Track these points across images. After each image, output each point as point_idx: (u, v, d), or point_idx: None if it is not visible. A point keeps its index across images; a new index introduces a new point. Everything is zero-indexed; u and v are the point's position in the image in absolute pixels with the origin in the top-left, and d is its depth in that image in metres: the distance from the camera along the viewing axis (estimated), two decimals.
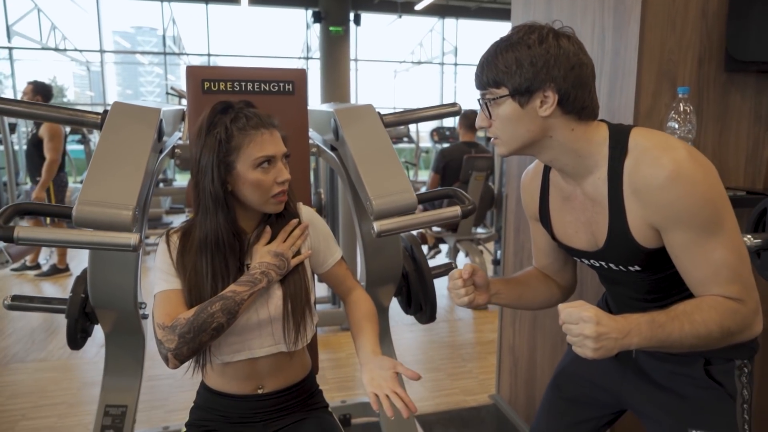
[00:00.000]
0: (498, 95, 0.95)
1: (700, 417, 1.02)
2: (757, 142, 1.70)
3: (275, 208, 1.12)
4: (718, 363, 1.03)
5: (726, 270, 0.90)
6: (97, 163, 1.15)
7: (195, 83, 1.33)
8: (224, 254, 1.10)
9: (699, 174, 0.88)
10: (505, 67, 0.93)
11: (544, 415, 1.28)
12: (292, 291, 1.15)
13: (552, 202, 1.12)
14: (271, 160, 1.08)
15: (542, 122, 0.94)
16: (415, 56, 13.09)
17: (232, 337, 1.11)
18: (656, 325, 0.88)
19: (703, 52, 1.59)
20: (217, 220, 1.08)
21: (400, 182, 1.30)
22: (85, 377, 2.78)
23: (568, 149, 0.97)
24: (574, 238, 1.09)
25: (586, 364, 1.21)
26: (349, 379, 2.77)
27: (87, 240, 1.02)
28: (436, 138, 7.70)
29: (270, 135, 1.08)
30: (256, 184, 1.07)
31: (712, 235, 0.89)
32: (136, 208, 1.10)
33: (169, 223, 6.77)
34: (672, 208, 0.89)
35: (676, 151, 0.89)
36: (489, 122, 0.99)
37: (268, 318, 1.13)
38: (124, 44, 15.16)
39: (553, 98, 0.92)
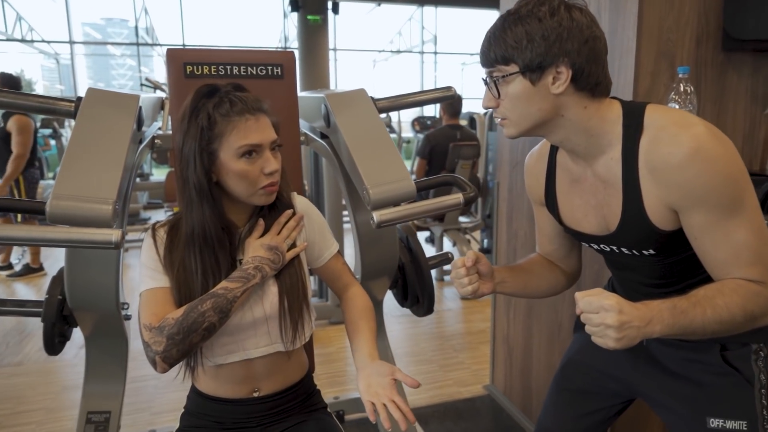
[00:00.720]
0: (507, 72, 0.89)
1: (719, 405, 0.98)
2: (753, 122, 1.68)
3: (264, 200, 1.04)
4: (734, 348, 0.99)
5: (747, 251, 0.86)
6: (71, 154, 1.06)
7: (176, 67, 1.24)
8: (213, 249, 1.02)
9: (719, 150, 0.83)
10: (514, 42, 0.87)
11: (552, 408, 1.24)
12: (288, 286, 1.08)
13: (559, 184, 1.07)
14: (257, 149, 0.99)
15: (554, 100, 0.89)
16: (394, 45, 12.98)
17: (224, 337, 1.04)
18: (678, 311, 0.83)
19: (701, 30, 1.56)
20: (203, 212, 1.00)
21: (397, 170, 1.24)
22: (65, 381, 2.67)
23: (580, 128, 0.92)
24: (583, 222, 1.04)
25: (594, 354, 1.17)
26: (340, 374, 2.71)
27: (64, 237, 0.94)
28: (418, 127, 7.65)
29: (256, 121, 0.99)
30: (241, 175, 0.99)
31: (733, 214, 0.85)
32: (116, 202, 1.01)
33: (147, 219, 6.61)
34: (692, 187, 0.84)
35: (695, 128, 0.84)
36: (497, 102, 0.93)
37: (263, 316, 1.06)
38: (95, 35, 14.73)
39: (567, 74, 0.86)
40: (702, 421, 0.99)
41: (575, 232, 1.07)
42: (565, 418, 1.21)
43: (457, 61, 13.24)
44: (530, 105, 0.90)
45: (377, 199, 1.19)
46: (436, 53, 12.73)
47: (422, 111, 9.54)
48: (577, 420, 1.19)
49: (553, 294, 1.21)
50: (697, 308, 0.84)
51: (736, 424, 0.96)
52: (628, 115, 0.91)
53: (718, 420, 0.97)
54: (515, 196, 2.18)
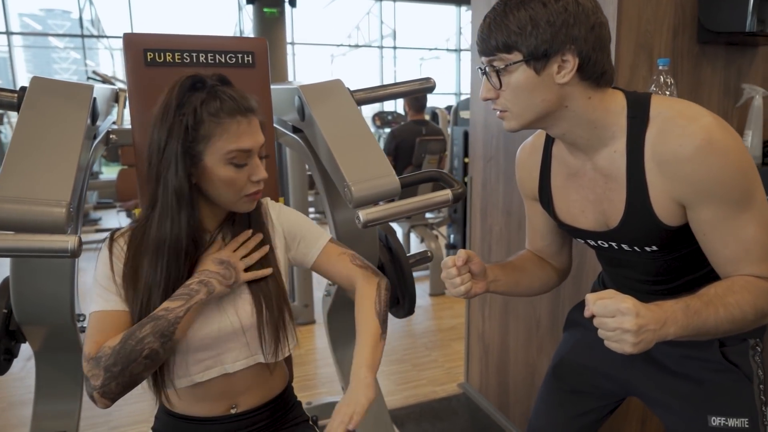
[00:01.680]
0: (510, 61, 0.83)
1: (719, 403, 0.96)
2: (726, 115, 1.70)
3: (247, 207, 0.95)
4: (732, 343, 0.97)
5: (757, 247, 0.84)
6: (16, 150, 0.94)
7: (135, 54, 1.12)
8: (183, 260, 0.92)
9: (730, 142, 0.80)
10: (518, 28, 0.81)
11: (544, 408, 1.20)
12: (265, 293, 0.99)
13: (554, 178, 1.02)
14: (247, 156, 0.90)
15: (559, 90, 0.84)
16: (352, 40, 12.84)
17: (200, 352, 0.95)
18: (692, 311, 0.79)
19: (678, 22, 1.55)
20: (180, 220, 0.89)
21: (380, 165, 1.17)
22: (11, 396, 2.47)
23: (584, 120, 0.87)
24: (580, 218, 1.00)
25: (587, 353, 1.14)
26: (310, 378, 2.62)
27: (11, 246, 0.82)
28: (379, 123, 7.58)
29: (248, 124, 0.90)
30: (228, 182, 0.90)
31: (743, 209, 0.82)
32: (70, 204, 0.90)
33: (98, 219, 6.29)
34: (703, 180, 0.81)
35: (704, 119, 0.81)
36: (497, 93, 0.87)
37: (239, 327, 0.97)
38: (35, 26, 13.95)
39: (573, 63, 0.81)
40: (703, 420, 0.96)
41: (571, 228, 1.03)
42: (557, 419, 1.17)
43: (417, 56, 13.25)
44: (534, 96, 0.84)
45: (360, 197, 1.11)
46: (395, 48, 12.68)
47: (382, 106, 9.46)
48: (570, 420, 1.16)
49: (544, 292, 1.17)
50: (710, 308, 0.81)
51: (737, 422, 0.94)
52: (633, 105, 0.87)
53: (719, 418, 0.95)
54: (489, 191, 2.15)
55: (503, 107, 0.88)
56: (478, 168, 2.21)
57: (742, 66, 1.68)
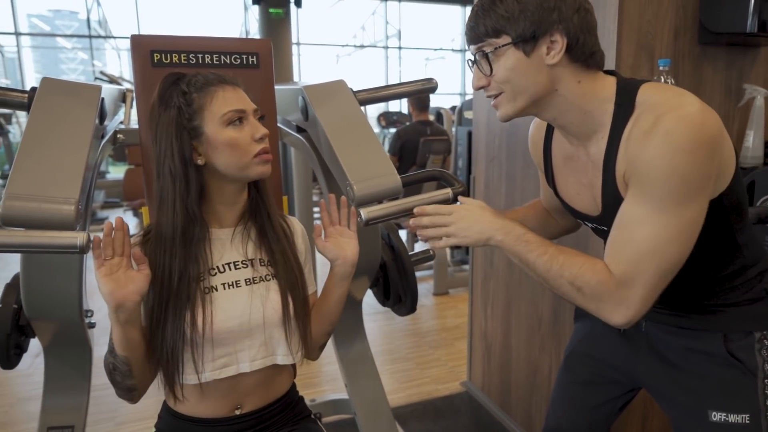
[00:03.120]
0: (499, 44, 0.85)
1: (721, 398, 0.96)
2: (727, 116, 1.70)
3: (260, 169, 0.95)
4: (737, 338, 0.96)
5: (632, 248, 0.82)
6: (26, 149, 0.96)
7: (142, 55, 1.15)
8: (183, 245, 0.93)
9: (691, 143, 0.77)
10: (506, 12, 0.83)
11: (560, 402, 1.22)
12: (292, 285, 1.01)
13: (555, 159, 1.05)
14: (243, 115, 0.94)
15: (549, 72, 0.86)
16: (357, 40, 12.87)
17: (218, 348, 0.95)
18: (522, 240, 0.90)
19: (679, 23, 1.56)
20: (174, 202, 0.92)
21: (381, 164, 1.19)
22: (19, 392, 2.50)
23: (574, 105, 0.89)
24: (576, 200, 1.02)
25: (595, 343, 1.16)
26: (314, 375, 2.64)
27: (21, 242, 0.84)
28: (384, 123, 7.59)
29: (234, 90, 0.95)
30: (232, 144, 0.92)
31: (656, 209, 0.80)
32: (79, 202, 0.92)
33: (105, 218, 6.34)
34: (642, 163, 0.81)
35: (684, 109, 0.78)
36: (488, 80, 0.89)
37: (261, 323, 0.98)
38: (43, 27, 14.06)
39: (562, 43, 0.83)
40: (704, 415, 0.97)
41: (569, 207, 1.06)
42: (573, 413, 1.19)
43: (422, 56, 13.26)
44: (525, 78, 0.86)
45: (362, 195, 1.13)
46: (401, 48, 12.70)
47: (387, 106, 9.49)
48: (584, 413, 1.17)
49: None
50: (541, 248, 0.89)
51: (738, 418, 0.94)
52: (621, 93, 0.87)
53: (720, 414, 0.95)
54: (492, 191, 2.16)
55: (497, 91, 0.89)
56: (481, 168, 2.23)
57: (743, 67, 1.68)
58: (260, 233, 1.02)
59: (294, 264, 1.03)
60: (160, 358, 0.92)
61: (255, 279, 0.99)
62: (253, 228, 1.03)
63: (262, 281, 1.00)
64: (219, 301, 0.95)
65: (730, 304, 0.96)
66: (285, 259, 1.02)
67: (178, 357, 0.92)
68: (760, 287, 0.97)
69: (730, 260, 0.94)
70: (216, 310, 0.94)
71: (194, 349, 0.93)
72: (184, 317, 0.91)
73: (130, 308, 0.85)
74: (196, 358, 0.93)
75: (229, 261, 0.98)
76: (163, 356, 0.92)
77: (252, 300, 0.97)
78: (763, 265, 0.99)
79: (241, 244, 1.01)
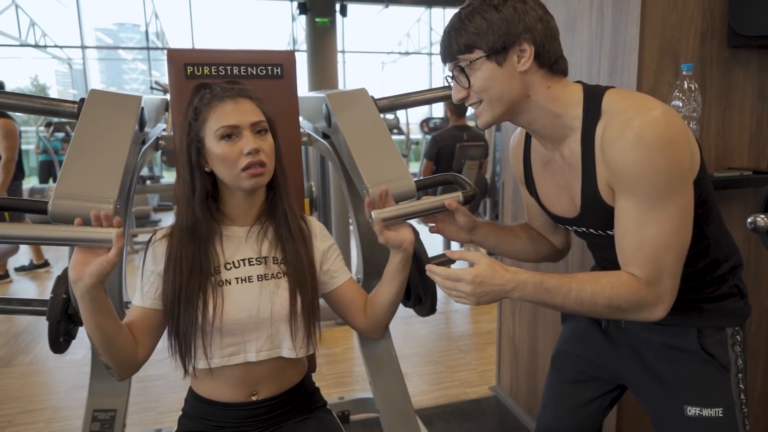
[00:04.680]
0: (473, 59, 0.92)
1: (695, 393, 1.00)
2: (761, 120, 1.66)
3: (249, 183, 1.01)
4: (710, 334, 1.00)
5: (649, 248, 0.87)
6: (73, 154, 1.08)
7: (177, 68, 1.25)
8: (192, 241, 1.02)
9: (665, 140, 0.83)
10: (475, 29, 0.90)
11: (549, 401, 1.25)
12: (302, 283, 1.06)
13: (534, 166, 1.10)
14: (235, 131, 0.99)
15: (521, 79, 0.92)
16: (402, 47, 12.98)
17: (228, 337, 1.03)
18: (542, 288, 0.90)
19: (705, 27, 1.54)
20: (185, 202, 1.02)
21: (397, 168, 1.24)
22: (74, 380, 2.69)
23: (545, 110, 0.95)
24: (556, 204, 1.07)
25: (579, 343, 1.19)
26: (346, 375, 2.71)
27: (65, 236, 0.95)
28: (426, 129, 7.64)
29: (234, 104, 1.00)
30: (222, 158, 1.00)
31: (653, 208, 0.86)
32: (117, 201, 1.03)
33: (158, 221, 6.67)
34: (626, 170, 0.86)
35: (649, 113, 0.85)
36: (466, 91, 0.96)
37: (269, 317, 1.04)
38: (107, 41, 14.90)
39: (530, 51, 0.90)
40: (680, 409, 1.00)
41: (551, 213, 1.10)
42: (563, 411, 1.21)
43: None
44: (500, 86, 0.92)
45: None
46: None
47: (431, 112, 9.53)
48: (573, 411, 1.19)
49: (537, 261, 1.26)
50: (563, 288, 0.90)
51: (711, 412, 0.98)
52: (588, 99, 0.93)
53: (694, 408, 0.99)
54: (519, 196, 2.17)
55: (476, 99, 0.96)
56: (510, 173, 2.24)
57: None
58: (276, 233, 1.09)
59: (306, 265, 1.09)
60: (174, 341, 1.01)
61: (266, 276, 1.06)
62: (270, 227, 1.10)
63: (273, 278, 1.06)
64: (230, 294, 1.02)
65: (703, 299, 1.00)
66: (297, 259, 1.08)
67: (190, 342, 1.01)
68: (732, 283, 1.01)
69: (701, 256, 0.98)
70: (227, 302, 1.01)
71: (204, 337, 1.01)
72: (196, 306, 0.99)
73: (83, 287, 0.88)
74: (206, 344, 1.01)
75: (243, 257, 1.06)
76: (177, 339, 1.01)
77: (261, 295, 1.04)
78: (735, 261, 1.02)
79: (256, 242, 1.08)
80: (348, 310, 1.17)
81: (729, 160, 1.64)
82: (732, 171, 1.57)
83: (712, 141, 1.61)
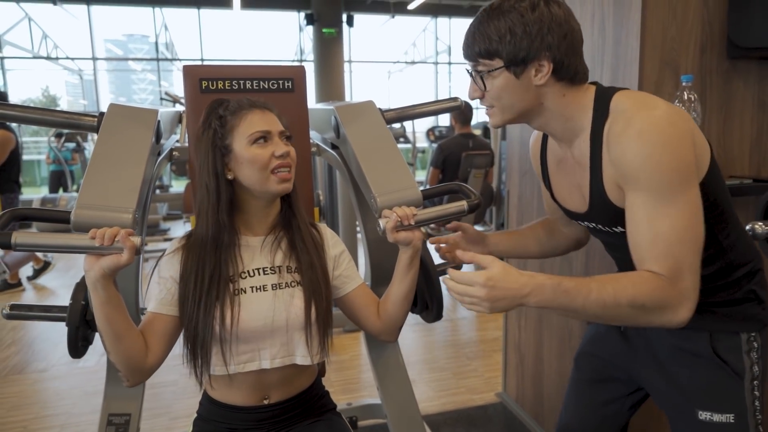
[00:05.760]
0: (493, 67, 0.95)
1: (707, 397, 1.00)
2: (761, 129, 1.69)
3: (279, 186, 1.06)
4: (723, 338, 0.99)
5: (663, 243, 0.86)
6: (94, 166, 1.12)
7: (192, 83, 1.31)
8: (214, 250, 1.05)
9: (667, 135, 0.85)
10: (498, 37, 0.92)
11: (569, 399, 1.28)
12: (317, 292, 1.09)
13: (549, 164, 1.14)
14: (267, 136, 1.06)
15: (536, 90, 0.95)
16: (408, 56, 13.07)
17: (243, 345, 1.06)
18: (561, 289, 0.85)
19: (705, 39, 1.58)
20: (208, 212, 1.06)
21: (404, 178, 1.28)
22: (87, 387, 2.74)
23: (557, 115, 0.98)
24: (568, 200, 1.10)
25: (599, 344, 1.22)
26: (353, 381, 2.74)
27: (87, 244, 0.99)
28: (432, 137, 7.69)
29: (263, 113, 1.08)
30: (253, 160, 1.04)
31: (663, 203, 0.86)
32: (136, 211, 1.07)
33: (167, 229, 6.73)
34: (630, 164, 0.87)
35: (653, 111, 0.87)
36: (482, 93, 0.99)
37: (284, 325, 1.08)
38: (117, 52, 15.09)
39: (548, 67, 0.92)
40: (693, 413, 1.01)
41: (564, 209, 1.13)
42: (583, 410, 1.24)
43: None
44: (514, 96, 0.95)
45: (384, 206, 1.22)
46: (450, 63, 12.80)
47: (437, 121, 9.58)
48: (594, 411, 1.22)
49: (552, 254, 1.30)
50: (582, 290, 0.85)
51: (723, 417, 0.98)
52: (598, 100, 0.96)
53: (706, 413, 1.00)
54: (525, 204, 2.21)
55: (489, 104, 1.00)
56: (515, 182, 2.28)
57: None
58: (290, 243, 1.13)
59: (320, 274, 1.12)
60: (191, 349, 1.04)
61: (281, 284, 1.10)
62: (284, 238, 1.14)
63: (287, 287, 1.10)
64: (246, 303, 1.06)
65: (716, 303, 0.99)
66: (312, 269, 1.11)
67: (207, 349, 1.04)
68: (748, 288, 1.00)
69: (714, 259, 0.98)
70: (243, 310, 1.05)
71: (222, 344, 1.04)
72: (213, 314, 1.03)
73: (93, 277, 0.93)
74: (225, 351, 1.04)
75: (258, 266, 1.10)
76: (194, 347, 1.04)
77: (276, 304, 1.08)
78: (753, 266, 1.01)
79: (270, 252, 1.12)
80: (361, 314, 1.20)
81: (730, 168, 1.67)
82: (733, 179, 1.60)
83: (713, 150, 1.64)
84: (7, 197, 3.87)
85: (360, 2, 11.09)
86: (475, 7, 12.13)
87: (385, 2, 11.18)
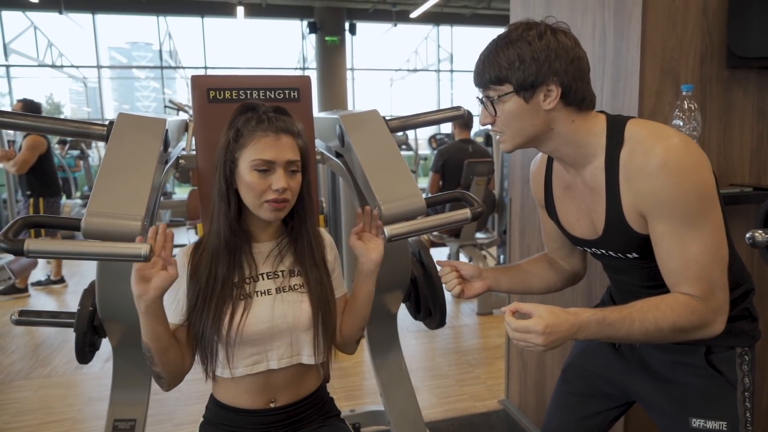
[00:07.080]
0: (503, 92, 0.97)
1: (701, 406, 1.03)
2: (761, 138, 1.71)
3: (268, 215, 1.07)
4: (719, 351, 1.04)
5: (696, 266, 0.91)
6: (104, 174, 1.14)
7: (200, 93, 1.33)
8: (226, 254, 1.07)
9: (688, 164, 0.89)
10: (507, 64, 0.95)
11: (555, 411, 1.29)
12: (323, 300, 1.12)
13: (555, 190, 1.15)
14: (270, 166, 1.04)
15: (545, 115, 0.97)
16: (410, 64, 13.14)
17: (250, 347, 1.08)
18: (606, 323, 0.92)
19: (705, 49, 1.60)
20: (219, 217, 1.07)
21: (408, 186, 1.30)
22: (91, 393, 2.75)
23: (568, 140, 0.99)
24: (576, 227, 1.11)
25: (591, 358, 1.23)
26: (356, 388, 2.75)
27: (97, 251, 1.02)
28: (434, 145, 7.73)
29: (275, 139, 1.04)
30: (250, 186, 1.05)
31: (691, 228, 0.91)
32: (144, 219, 1.09)
33: None
34: (657, 196, 0.91)
35: (669, 140, 0.90)
36: (493, 119, 1.01)
37: (289, 328, 1.10)
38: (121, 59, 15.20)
39: (557, 92, 0.94)
40: (685, 421, 1.04)
41: (570, 235, 1.14)
42: (567, 421, 1.25)
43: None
44: (524, 120, 0.97)
45: (389, 215, 1.24)
46: (452, 71, 12.87)
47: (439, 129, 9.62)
48: (578, 422, 1.24)
49: (552, 291, 1.29)
50: (626, 321, 0.92)
51: (716, 425, 1.01)
52: (611, 128, 0.98)
53: (699, 420, 1.03)
54: (527, 212, 2.22)
55: (500, 130, 1.02)
56: (517, 190, 2.30)
57: None
58: (296, 249, 1.15)
59: (325, 278, 1.15)
60: (198, 351, 1.07)
61: (285, 288, 1.12)
62: (290, 242, 1.16)
63: (292, 291, 1.12)
64: (252, 307, 1.08)
65: None
66: (317, 273, 1.14)
67: (214, 352, 1.06)
68: (743, 306, 1.04)
69: None
70: (249, 314, 1.07)
71: (228, 347, 1.06)
72: (222, 318, 1.05)
73: (148, 300, 0.96)
74: (230, 355, 1.06)
75: (265, 271, 1.12)
76: (202, 348, 1.06)
77: (282, 308, 1.10)
78: (747, 287, 1.06)
79: (277, 258, 1.14)
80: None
81: (730, 176, 1.68)
82: (733, 187, 1.62)
83: (714, 158, 1.66)
84: (48, 201, 3.99)
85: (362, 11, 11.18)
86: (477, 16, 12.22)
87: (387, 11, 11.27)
